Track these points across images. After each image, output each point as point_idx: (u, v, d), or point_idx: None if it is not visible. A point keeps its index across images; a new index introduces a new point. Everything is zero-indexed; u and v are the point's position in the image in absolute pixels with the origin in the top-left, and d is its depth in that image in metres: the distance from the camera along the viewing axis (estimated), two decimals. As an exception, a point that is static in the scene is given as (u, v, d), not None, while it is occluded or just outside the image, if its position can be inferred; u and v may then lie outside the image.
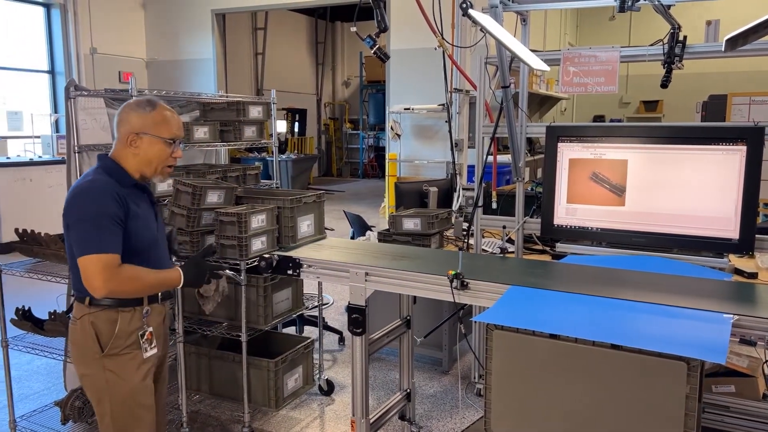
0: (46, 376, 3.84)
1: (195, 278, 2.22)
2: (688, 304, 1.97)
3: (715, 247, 2.67)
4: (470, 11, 2.38)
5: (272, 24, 14.04)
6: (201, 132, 3.38)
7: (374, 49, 2.51)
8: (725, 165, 2.60)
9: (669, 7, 2.65)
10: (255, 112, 3.68)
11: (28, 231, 2.95)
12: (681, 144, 2.69)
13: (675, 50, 2.68)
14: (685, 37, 2.69)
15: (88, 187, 1.96)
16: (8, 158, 7.63)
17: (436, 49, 4.62)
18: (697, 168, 2.66)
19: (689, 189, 2.68)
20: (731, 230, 2.61)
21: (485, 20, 2.40)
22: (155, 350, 2.11)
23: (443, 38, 3.73)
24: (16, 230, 2.93)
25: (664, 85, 2.74)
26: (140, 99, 2.09)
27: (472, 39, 5.88)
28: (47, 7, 9.30)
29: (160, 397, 2.25)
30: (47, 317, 2.84)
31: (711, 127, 2.84)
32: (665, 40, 2.71)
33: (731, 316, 1.85)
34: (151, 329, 2.10)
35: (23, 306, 2.90)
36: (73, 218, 1.94)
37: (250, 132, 3.65)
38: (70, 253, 1.99)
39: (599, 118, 12.23)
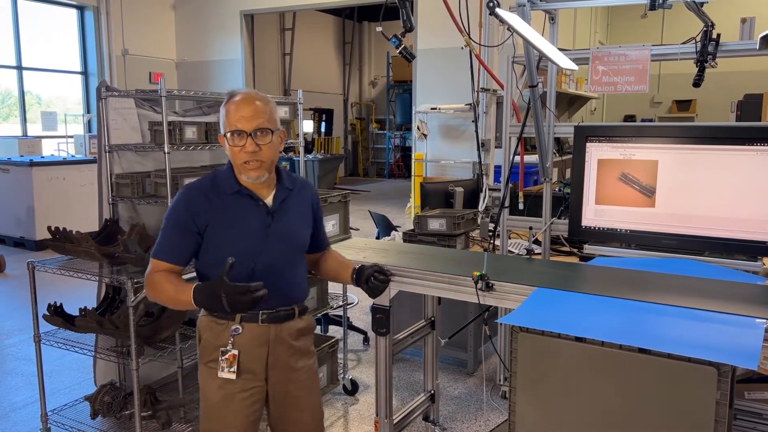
0: (77, 371, 3.92)
1: (207, 302, 1.82)
2: (719, 308, 1.92)
3: (749, 249, 2.60)
4: (497, 10, 2.36)
5: (300, 24, 14.13)
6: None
7: (400, 48, 2.51)
8: (759, 165, 2.53)
9: (702, 4, 2.59)
10: (281, 112, 3.70)
11: (61, 229, 3.01)
12: (713, 144, 2.63)
13: (708, 48, 2.62)
14: (718, 35, 2.62)
15: (179, 193, 1.92)
16: (42, 157, 7.83)
17: (462, 48, 4.59)
18: (729, 169, 2.59)
19: (722, 190, 2.61)
20: (765, 233, 2.54)
21: (512, 19, 2.38)
22: (232, 375, 1.88)
23: (470, 37, 3.70)
24: (49, 228, 2.99)
25: (697, 84, 2.67)
26: (230, 92, 1.93)
27: (500, 38, 5.83)
28: (81, 9, 9.51)
29: None
30: (78, 314, 2.89)
31: (744, 127, 2.77)
32: (698, 38, 2.65)
33: (764, 320, 1.80)
34: (234, 352, 1.88)
35: (55, 302, 2.96)
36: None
37: (276, 132, 3.67)
38: None
39: (630, 117, 12.05)
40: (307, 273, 2.12)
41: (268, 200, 1.93)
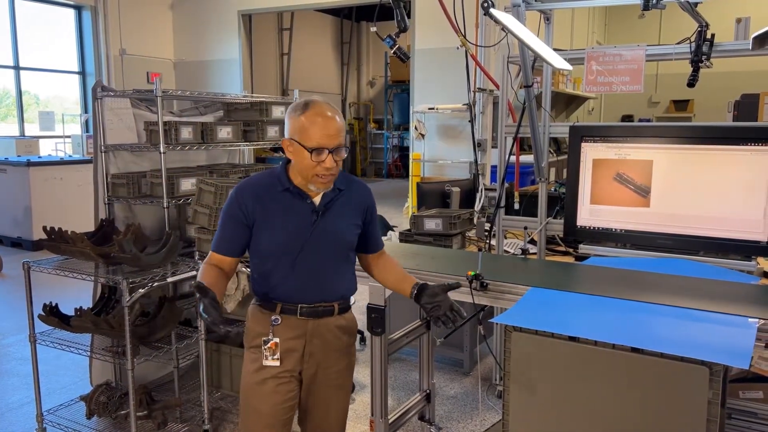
0: (72, 371, 3.92)
1: (199, 306, 1.79)
2: (713, 307, 1.93)
3: (743, 249, 2.60)
4: (492, 10, 2.36)
5: (298, 24, 14.12)
6: (224, 132, 3.42)
7: (394, 49, 2.51)
8: (754, 165, 2.54)
9: (696, 4, 2.59)
10: (278, 112, 3.71)
11: (56, 229, 3.01)
12: (708, 144, 2.63)
13: (702, 49, 2.62)
14: (713, 35, 2.63)
15: (235, 188, 2.00)
16: (40, 157, 7.82)
17: (458, 48, 4.60)
18: (724, 168, 2.60)
19: (716, 190, 2.62)
20: (760, 232, 2.55)
21: (507, 19, 2.38)
22: (276, 363, 1.97)
23: (465, 38, 3.71)
24: (44, 228, 2.99)
25: (691, 84, 2.68)
26: (301, 100, 1.92)
27: (496, 38, 5.85)
28: (78, 9, 9.50)
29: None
30: (73, 313, 2.89)
31: (738, 127, 2.77)
32: (692, 39, 2.65)
33: (756, 320, 1.81)
34: (276, 340, 1.97)
35: (50, 302, 2.96)
36: None
37: (273, 132, 3.68)
38: None
39: (627, 117, 12.05)
40: (354, 273, 2.12)
41: (317, 199, 1.97)
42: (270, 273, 1.97)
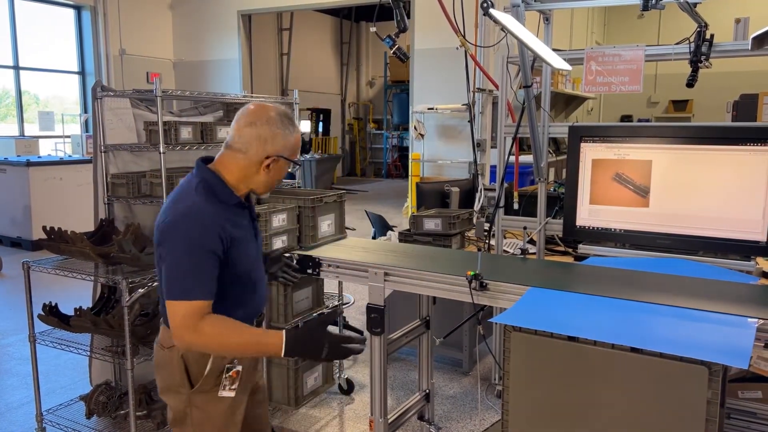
0: (72, 371, 3.92)
1: (304, 350, 1.73)
2: (712, 307, 1.93)
3: (742, 249, 2.61)
4: (491, 11, 2.36)
5: (297, 24, 14.13)
6: (224, 132, 3.42)
7: (394, 49, 2.51)
8: (753, 165, 2.54)
9: (695, 5, 2.60)
10: (277, 112, 3.70)
11: (56, 229, 3.01)
12: (707, 144, 2.64)
13: (701, 49, 2.63)
14: (712, 36, 2.63)
15: (194, 215, 1.68)
16: (39, 157, 7.82)
17: (457, 48, 4.60)
18: (723, 169, 2.60)
19: (715, 190, 2.62)
20: (759, 232, 2.55)
21: (506, 19, 2.38)
22: (232, 393, 1.82)
23: (464, 38, 3.71)
24: (44, 228, 3.00)
25: (690, 84, 2.69)
26: (281, 113, 1.79)
27: (496, 38, 5.85)
28: (78, 9, 9.50)
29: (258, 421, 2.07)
30: (73, 313, 2.89)
31: (737, 127, 2.78)
32: (691, 39, 2.66)
33: (756, 320, 1.81)
34: (240, 368, 1.82)
35: (50, 302, 2.96)
36: (168, 249, 1.68)
37: (272, 132, 3.67)
38: (161, 276, 1.73)
39: (627, 118, 12.06)
40: None
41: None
42: (239, 295, 1.83)
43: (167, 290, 1.68)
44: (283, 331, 1.71)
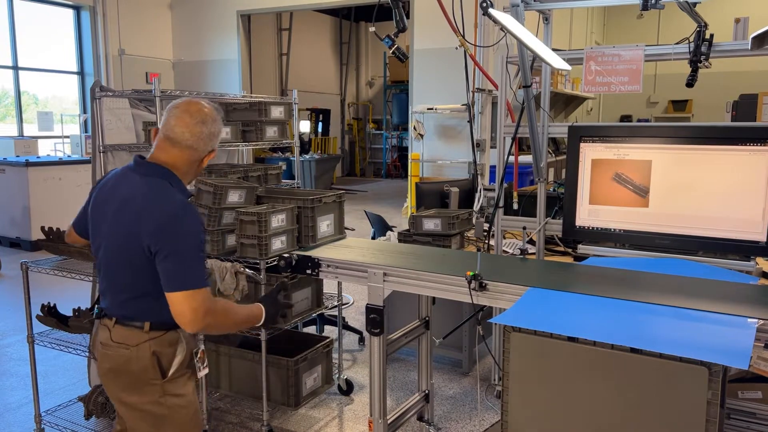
0: (71, 371, 3.91)
1: (272, 317, 2.09)
2: (712, 307, 1.93)
3: (742, 249, 2.60)
4: (490, 10, 2.36)
5: (297, 24, 14.12)
6: (223, 132, 3.41)
7: (393, 48, 2.51)
8: (753, 165, 2.54)
9: (695, 4, 2.59)
10: (276, 112, 3.70)
11: (54, 229, 3.01)
12: (706, 144, 2.63)
13: (701, 49, 2.62)
14: (711, 35, 2.63)
15: (189, 209, 1.82)
16: (38, 157, 7.81)
17: (457, 48, 4.60)
18: (723, 169, 2.60)
19: (715, 190, 2.62)
20: (759, 232, 2.55)
21: (506, 19, 2.38)
22: (207, 370, 2.00)
23: (464, 38, 3.71)
24: (42, 228, 2.99)
25: (690, 84, 2.68)
26: (217, 108, 1.95)
27: (495, 38, 5.84)
28: (77, 9, 9.49)
29: None
30: (71, 314, 2.89)
31: (737, 127, 2.77)
32: (691, 39, 2.65)
33: (756, 320, 1.80)
34: (203, 347, 1.99)
35: (48, 303, 2.95)
36: (173, 244, 1.76)
37: (271, 132, 3.68)
38: (132, 272, 1.82)
39: (626, 118, 12.06)
40: None
41: None
42: None
43: (179, 282, 1.75)
44: (260, 303, 2.04)
